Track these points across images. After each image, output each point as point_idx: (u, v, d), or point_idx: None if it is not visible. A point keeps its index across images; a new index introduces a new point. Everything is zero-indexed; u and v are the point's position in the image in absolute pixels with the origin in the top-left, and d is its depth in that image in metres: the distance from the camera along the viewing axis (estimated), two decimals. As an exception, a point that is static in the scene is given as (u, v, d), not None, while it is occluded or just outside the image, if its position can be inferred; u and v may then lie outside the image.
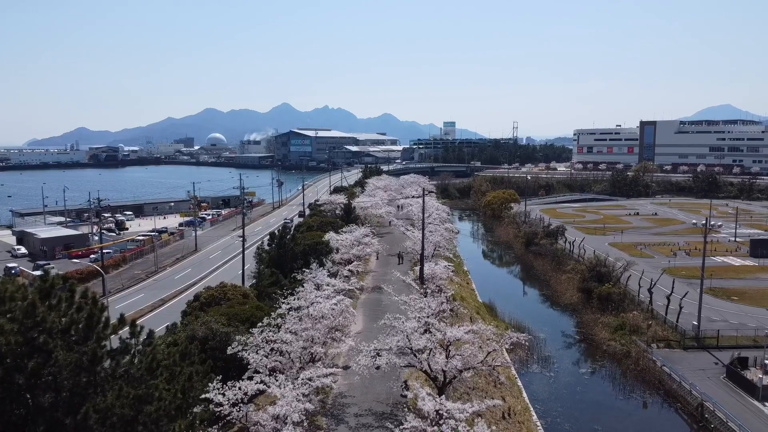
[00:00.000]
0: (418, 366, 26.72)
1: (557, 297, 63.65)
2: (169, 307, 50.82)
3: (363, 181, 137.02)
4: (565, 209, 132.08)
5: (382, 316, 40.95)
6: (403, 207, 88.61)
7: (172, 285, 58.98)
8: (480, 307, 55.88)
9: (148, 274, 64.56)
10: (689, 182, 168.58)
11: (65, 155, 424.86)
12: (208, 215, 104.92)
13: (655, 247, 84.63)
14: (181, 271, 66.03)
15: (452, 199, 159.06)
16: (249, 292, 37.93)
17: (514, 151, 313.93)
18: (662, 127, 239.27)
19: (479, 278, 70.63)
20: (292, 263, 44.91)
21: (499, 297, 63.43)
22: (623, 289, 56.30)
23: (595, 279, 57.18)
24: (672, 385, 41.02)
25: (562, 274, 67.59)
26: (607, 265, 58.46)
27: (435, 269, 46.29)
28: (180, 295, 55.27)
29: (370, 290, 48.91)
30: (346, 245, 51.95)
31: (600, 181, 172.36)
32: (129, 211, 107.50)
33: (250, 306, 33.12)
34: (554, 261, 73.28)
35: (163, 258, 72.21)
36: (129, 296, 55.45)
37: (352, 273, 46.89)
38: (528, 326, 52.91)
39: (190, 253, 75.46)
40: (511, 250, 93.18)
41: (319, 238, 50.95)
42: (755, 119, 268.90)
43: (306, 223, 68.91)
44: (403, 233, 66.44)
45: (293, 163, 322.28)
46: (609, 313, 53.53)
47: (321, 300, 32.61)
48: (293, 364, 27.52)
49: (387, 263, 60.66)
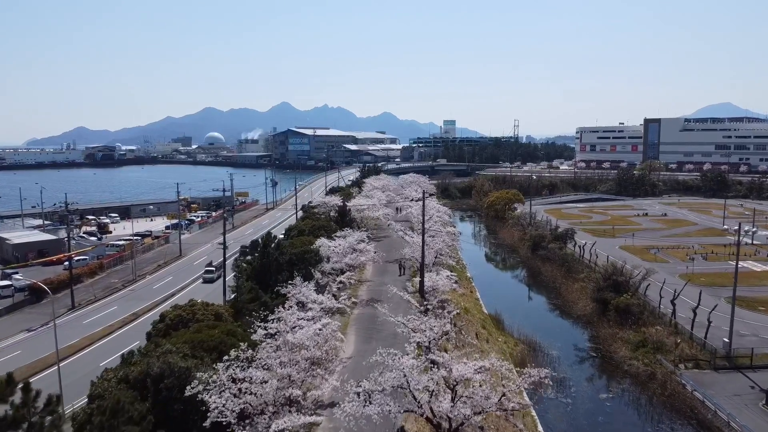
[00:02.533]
0: (418, 411, 21.82)
1: (569, 307, 58.70)
2: (141, 322, 45.82)
3: (360, 181, 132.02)
4: (571, 210, 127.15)
5: (377, 335, 36.33)
6: (403, 209, 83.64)
7: (149, 296, 54.01)
8: (486, 319, 51.00)
9: (125, 283, 59.59)
10: (697, 181, 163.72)
11: (61, 155, 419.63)
12: (197, 217, 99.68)
13: (670, 250, 79.59)
14: (162, 279, 61.01)
15: (453, 199, 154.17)
16: (223, 312, 32.98)
17: (516, 149, 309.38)
18: (667, 124, 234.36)
19: (483, 285, 65.77)
20: (276, 275, 39.98)
21: (506, 307, 58.57)
22: (642, 301, 51.34)
23: (611, 288, 52.20)
24: (706, 414, 36.11)
25: (573, 282, 62.66)
26: (624, 273, 53.47)
27: (437, 281, 41.37)
28: (156, 308, 50.34)
29: (364, 303, 43.94)
30: (339, 253, 46.94)
31: (605, 180, 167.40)
32: (115, 213, 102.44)
33: (219, 331, 28.17)
34: (564, 267, 68.27)
35: (144, 264, 67.23)
36: (99, 309, 50.47)
37: (344, 285, 41.94)
38: (539, 342, 48.07)
39: (173, 258, 70.44)
40: (516, 253, 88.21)
41: (309, 245, 45.97)
42: (758, 117, 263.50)
43: (297, 227, 63.95)
44: (401, 237, 61.47)
45: (291, 162, 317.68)
46: (628, 326, 48.62)
47: (304, 323, 27.73)
48: (266, 407, 22.62)
49: (384, 271, 55.70)
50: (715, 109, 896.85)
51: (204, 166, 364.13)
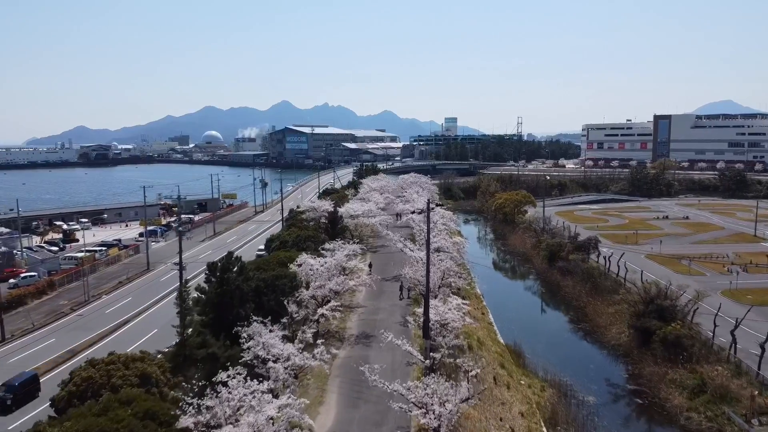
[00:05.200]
0: None
1: (599, 333, 49.53)
2: (76, 363, 36.79)
3: (357, 181, 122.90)
4: (584, 212, 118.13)
5: (367, 393, 27.13)
6: (403, 214, 74.58)
7: (98, 324, 44.96)
8: (503, 353, 41.98)
9: (75, 305, 50.54)
10: (714, 181, 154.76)
11: (54, 154, 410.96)
12: (176, 223, 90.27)
13: (703, 261, 70.42)
14: (119, 300, 51.89)
15: (456, 200, 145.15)
16: (153, 372, 23.87)
17: (519, 147, 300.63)
18: (677, 121, 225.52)
19: (495, 303, 56.80)
20: (239, 308, 30.96)
21: (524, 332, 49.62)
22: (694, 331, 42.23)
23: (655, 315, 43.11)
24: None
25: (602, 301, 53.56)
26: (669, 296, 44.37)
27: (445, 314, 32.35)
28: (101, 340, 41.44)
29: (353, 342, 34.90)
30: (323, 275, 37.79)
31: (617, 179, 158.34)
32: (86, 218, 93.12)
33: (133, 412, 19.16)
34: (588, 282, 58.98)
35: (104, 281, 58.23)
36: (33, 343, 41.36)
37: (327, 320, 32.92)
38: (570, 384, 39.04)
39: (139, 273, 61.29)
40: (529, 263, 79.07)
41: (285, 266, 36.88)
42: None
43: (280, 237, 54.91)
44: (401, 250, 52.41)
45: (288, 161, 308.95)
46: (678, 364, 39.54)
47: (256, 402, 18.79)
48: None
49: (380, 292, 46.56)
50: (717, 106, 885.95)
51: (200, 165, 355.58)
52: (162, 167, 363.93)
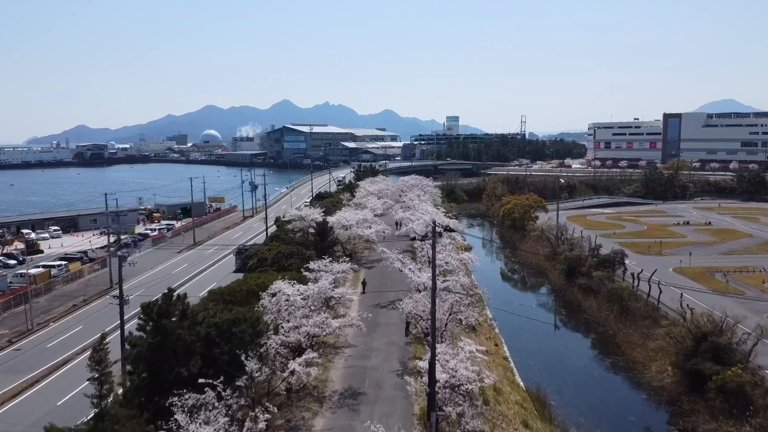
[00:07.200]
0: None
1: (636, 370, 41.54)
2: None
3: (354, 184, 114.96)
4: (597, 216, 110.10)
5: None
6: (403, 222, 66.74)
7: (35, 362, 37.10)
8: (524, 401, 34.14)
9: (17, 335, 42.80)
10: (731, 182, 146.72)
11: (48, 154, 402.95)
12: (153, 231, 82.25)
13: (739, 276, 62.49)
14: (68, 329, 44.01)
15: (459, 202, 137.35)
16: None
17: (523, 146, 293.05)
18: (688, 120, 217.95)
19: (509, 328, 49.03)
20: (181, 366, 23.16)
21: (546, 368, 41.91)
22: (759, 377, 34.34)
23: (709, 354, 35.28)
24: None
25: (638, 332, 45.57)
26: (725, 330, 36.50)
27: (456, 370, 24.58)
28: (34, 385, 33.69)
29: (335, 404, 27.01)
30: (300, 309, 29.96)
31: (629, 181, 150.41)
32: (58, 225, 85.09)
33: None
34: (617, 304, 50.97)
35: (57, 303, 50.46)
36: (-53, 389, 33.62)
37: (299, 378, 25.12)
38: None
39: (99, 293, 53.34)
40: (543, 276, 71.24)
41: (247, 307, 29.03)
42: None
43: (258, 255, 47.08)
44: (399, 270, 44.65)
45: (287, 161, 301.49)
46: (740, 418, 31.73)
47: None
48: None
49: (375, 324, 38.52)
50: (718, 105, 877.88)
51: (197, 165, 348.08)
52: (157, 167, 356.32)
